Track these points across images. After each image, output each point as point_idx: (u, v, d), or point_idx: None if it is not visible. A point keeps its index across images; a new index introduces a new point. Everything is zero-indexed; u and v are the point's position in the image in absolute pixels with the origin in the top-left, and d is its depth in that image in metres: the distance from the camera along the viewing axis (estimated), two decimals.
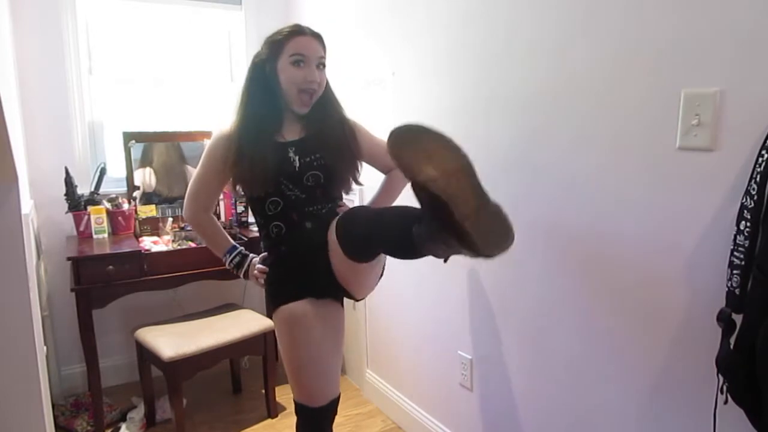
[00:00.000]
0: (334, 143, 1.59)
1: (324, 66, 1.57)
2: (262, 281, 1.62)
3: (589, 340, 1.51)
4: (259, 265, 1.66)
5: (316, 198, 1.57)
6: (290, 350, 1.51)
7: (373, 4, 2.28)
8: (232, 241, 1.72)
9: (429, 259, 2.12)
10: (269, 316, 2.86)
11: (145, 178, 2.75)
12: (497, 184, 1.76)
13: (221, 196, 2.88)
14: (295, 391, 1.54)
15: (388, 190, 1.78)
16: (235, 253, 1.69)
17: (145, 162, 2.75)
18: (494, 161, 1.76)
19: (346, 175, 1.62)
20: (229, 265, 1.70)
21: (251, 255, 1.71)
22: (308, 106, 1.57)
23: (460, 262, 1.97)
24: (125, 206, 2.56)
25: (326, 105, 1.62)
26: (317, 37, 1.57)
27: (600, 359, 1.48)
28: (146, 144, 2.74)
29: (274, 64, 1.55)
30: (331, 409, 1.56)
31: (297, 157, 1.55)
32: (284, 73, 1.53)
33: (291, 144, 1.57)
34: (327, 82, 1.62)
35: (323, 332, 1.50)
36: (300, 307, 1.48)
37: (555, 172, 1.56)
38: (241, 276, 1.70)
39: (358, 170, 1.66)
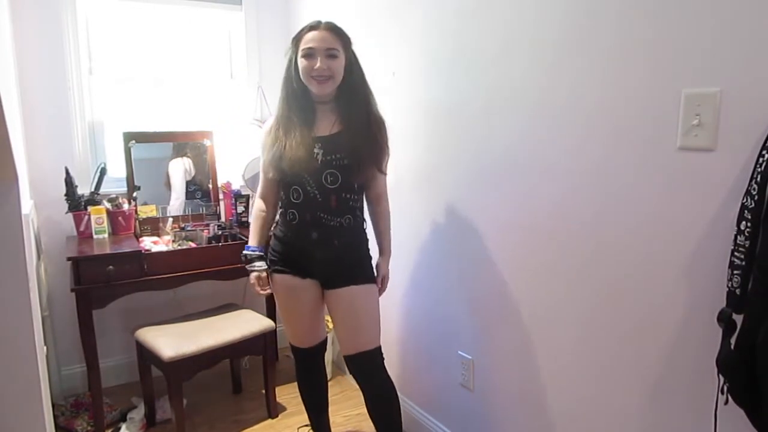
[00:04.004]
0: (356, 143, 1.71)
1: (335, 56, 1.67)
2: (258, 290, 1.87)
3: (589, 340, 1.51)
4: (260, 289, 1.87)
5: (330, 206, 1.73)
6: (278, 307, 1.95)
7: (373, 4, 2.28)
8: (260, 242, 1.91)
9: (428, 259, 2.13)
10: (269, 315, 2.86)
11: (186, 166, 2.84)
12: (497, 183, 1.77)
13: (221, 196, 2.89)
14: (288, 335, 1.99)
15: (381, 233, 1.94)
16: (252, 250, 1.88)
17: (177, 153, 2.84)
18: (494, 161, 1.76)
19: (364, 172, 1.75)
20: (242, 255, 1.89)
21: (264, 263, 1.87)
22: (323, 90, 1.69)
23: (459, 262, 1.98)
24: (125, 206, 2.56)
25: (354, 100, 1.74)
26: (331, 29, 1.70)
27: (600, 359, 1.48)
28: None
29: (295, 59, 1.72)
30: (313, 351, 1.98)
31: (321, 152, 1.71)
32: (300, 66, 1.69)
33: (319, 140, 1.72)
34: (359, 76, 1.75)
35: (301, 301, 1.86)
36: (287, 279, 1.84)
37: (555, 172, 1.55)
38: (245, 267, 1.89)
39: (379, 165, 1.78)
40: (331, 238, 1.76)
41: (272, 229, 1.92)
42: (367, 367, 1.84)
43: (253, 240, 1.92)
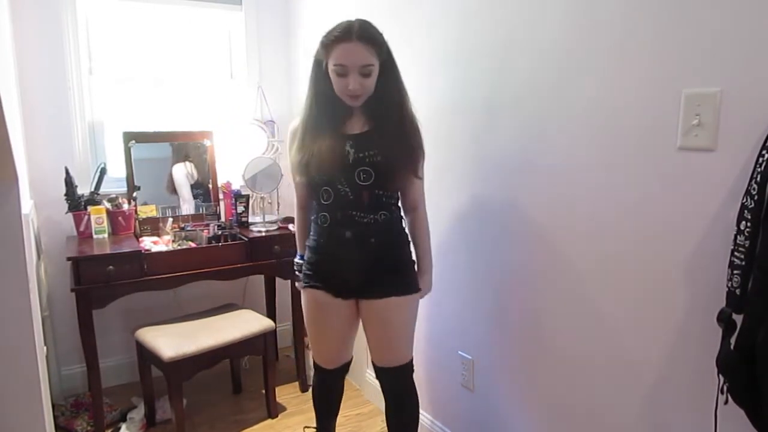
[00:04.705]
0: (389, 142, 1.60)
1: (369, 73, 1.55)
2: None
3: (589, 340, 1.51)
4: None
5: (362, 203, 1.62)
6: (306, 323, 1.82)
7: (374, 3, 2.28)
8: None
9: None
10: (269, 315, 2.86)
11: (188, 170, 2.84)
12: (497, 183, 1.77)
13: (221, 196, 2.89)
14: (313, 352, 1.87)
15: (418, 246, 1.78)
16: (301, 258, 1.83)
17: (179, 157, 2.83)
18: (494, 160, 1.77)
19: (398, 173, 1.63)
20: (295, 266, 1.85)
21: None
22: (355, 104, 1.61)
23: (459, 262, 1.98)
24: (125, 206, 2.56)
25: (386, 100, 1.62)
26: (365, 39, 1.52)
27: (600, 359, 1.48)
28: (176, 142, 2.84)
29: (326, 66, 1.59)
30: (338, 371, 1.87)
31: (353, 151, 1.61)
32: (332, 79, 1.58)
33: (350, 137, 1.62)
34: (392, 76, 1.62)
35: (331, 322, 1.75)
36: (319, 296, 1.73)
37: (555, 172, 1.55)
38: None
39: (414, 168, 1.66)
40: (366, 237, 1.63)
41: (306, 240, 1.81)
42: (394, 381, 1.79)
43: (301, 248, 1.84)
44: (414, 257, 1.77)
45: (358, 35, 1.52)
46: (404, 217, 1.76)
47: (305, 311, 1.79)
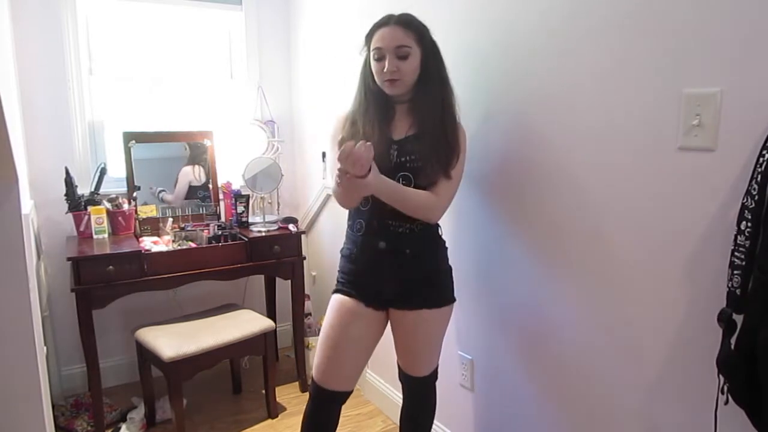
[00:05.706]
0: (429, 147, 1.55)
1: (405, 56, 1.52)
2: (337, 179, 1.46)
3: (589, 340, 1.51)
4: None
5: (399, 211, 1.57)
6: (323, 329, 1.68)
7: (375, 3, 2.28)
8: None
9: None
10: (270, 315, 2.86)
11: (196, 174, 2.87)
12: (496, 184, 1.77)
13: (221, 196, 2.89)
14: (315, 368, 1.69)
15: (404, 193, 1.57)
16: None
17: (194, 159, 2.85)
18: (493, 161, 1.77)
19: (429, 172, 1.56)
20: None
21: None
22: (393, 91, 1.57)
23: (458, 262, 1.98)
24: (125, 206, 2.56)
25: (429, 102, 1.58)
26: (402, 23, 1.54)
27: (600, 359, 1.48)
28: (192, 143, 2.85)
29: (368, 60, 1.60)
30: (332, 396, 1.66)
31: (395, 154, 1.59)
32: (372, 68, 1.59)
33: (395, 142, 1.60)
34: (435, 72, 1.58)
35: (354, 331, 1.63)
36: (348, 302, 1.64)
37: (555, 172, 1.55)
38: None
39: (445, 170, 1.57)
40: (401, 247, 1.59)
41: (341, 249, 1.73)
42: (415, 389, 1.79)
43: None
44: (449, 265, 1.73)
45: (396, 20, 1.55)
46: None
47: (328, 316, 1.68)
